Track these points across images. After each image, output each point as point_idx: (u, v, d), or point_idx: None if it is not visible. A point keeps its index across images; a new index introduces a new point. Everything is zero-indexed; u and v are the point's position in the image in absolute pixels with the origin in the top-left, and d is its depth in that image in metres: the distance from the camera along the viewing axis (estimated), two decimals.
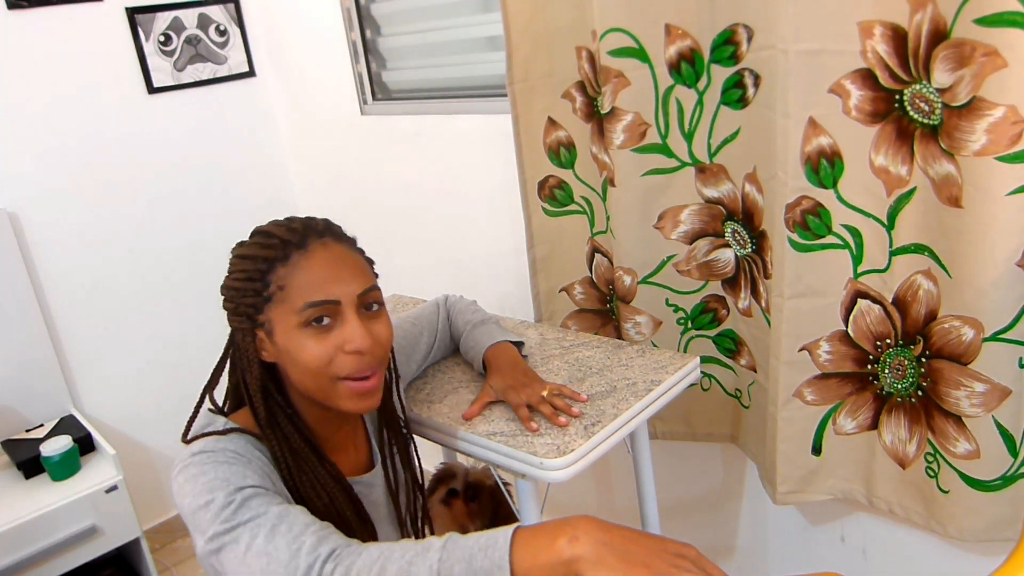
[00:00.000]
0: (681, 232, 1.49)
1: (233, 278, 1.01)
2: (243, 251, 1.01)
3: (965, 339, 1.13)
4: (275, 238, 0.99)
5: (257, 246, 1.00)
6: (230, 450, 0.93)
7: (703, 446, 1.75)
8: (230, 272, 1.02)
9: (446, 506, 1.68)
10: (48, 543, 1.80)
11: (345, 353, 0.97)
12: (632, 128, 1.41)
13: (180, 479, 0.92)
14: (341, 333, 0.97)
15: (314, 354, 0.96)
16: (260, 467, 0.94)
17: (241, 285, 0.99)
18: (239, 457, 0.93)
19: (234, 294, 1.00)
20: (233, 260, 1.02)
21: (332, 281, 0.97)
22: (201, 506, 0.87)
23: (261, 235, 1.01)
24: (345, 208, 2.44)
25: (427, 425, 1.27)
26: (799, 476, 1.41)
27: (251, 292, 0.98)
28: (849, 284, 1.26)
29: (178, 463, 0.94)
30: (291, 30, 2.35)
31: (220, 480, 0.89)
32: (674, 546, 0.75)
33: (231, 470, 0.91)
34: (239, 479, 0.89)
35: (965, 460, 1.19)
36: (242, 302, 0.99)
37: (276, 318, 0.97)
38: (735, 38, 1.29)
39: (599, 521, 0.76)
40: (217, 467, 0.91)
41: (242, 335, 1.00)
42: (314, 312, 0.95)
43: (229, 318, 1.02)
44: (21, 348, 2.05)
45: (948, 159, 1.08)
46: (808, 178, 1.21)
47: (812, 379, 1.34)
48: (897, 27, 1.09)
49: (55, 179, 2.11)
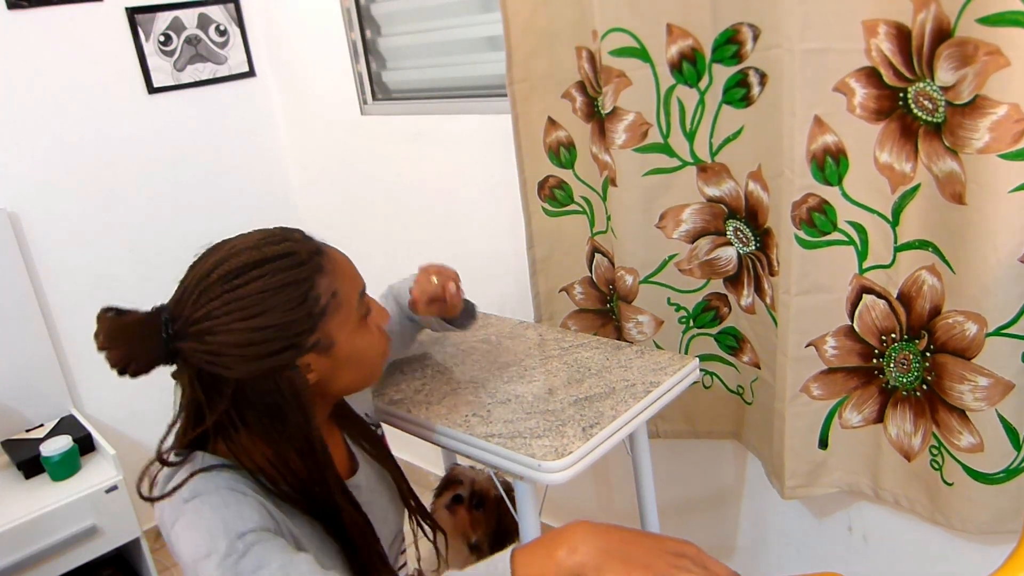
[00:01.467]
0: (683, 231, 1.50)
1: (268, 316, 0.89)
2: (265, 283, 0.89)
3: (969, 334, 1.14)
4: (294, 255, 0.92)
5: (284, 270, 0.90)
6: (222, 488, 0.88)
7: (702, 445, 1.76)
8: (251, 316, 0.88)
9: (450, 512, 1.68)
10: (48, 543, 1.79)
11: (383, 330, 1.04)
12: (634, 128, 1.42)
13: (177, 529, 0.86)
14: (373, 315, 1.03)
15: (378, 340, 1.02)
16: (255, 501, 0.89)
17: (288, 316, 0.89)
18: (232, 493, 0.88)
19: (273, 331, 0.89)
20: (250, 300, 0.88)
21: (354, 267, 1.01)
22: (202, 556, 0.82)
23: (276, 260, 0.91)
24: (345, 208, 2.45)
25: (426, 427, 1.27)
26: (806, 470, 1.42)
27: (304, 317, 0.90)
28: (855, 280, 1.28)
29: (169, 512, 0.88)
30: (291, 30, 2.35)
31: (219, 526, 0.84)
32: (673, 544, 0.74)
33: (228, 512, 0.86)
34: (239, 522, 0.85)
35: (969, 453, 1.20)
36: (288, 334, 0.89)
37: (335, 326, 0.93)
38: (738, 37, 1.30)
39: (593, 525, 0.75)
40: (214, 511, 0.86)
41: (273, 380, 0.90)
42: (364, 301, 1.00)
43: (253, 365, 0.89)
44: (21, 348, 2.04)
45: (952, 156, 1.09)
46: (814, 176, 1.22)
47: (819, 374, 1.35)
48: (901, 26, 1.11)
49: (55, 179, 2.10)
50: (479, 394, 1.32)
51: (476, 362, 1.44)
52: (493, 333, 1.56)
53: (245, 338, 0.88)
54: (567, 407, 1.24)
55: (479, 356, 1.46)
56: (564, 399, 1.26)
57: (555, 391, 1.29)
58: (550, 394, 1.29)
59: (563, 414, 1.22)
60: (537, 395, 1.29)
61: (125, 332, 0.88)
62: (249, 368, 0.89)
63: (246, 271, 0.89)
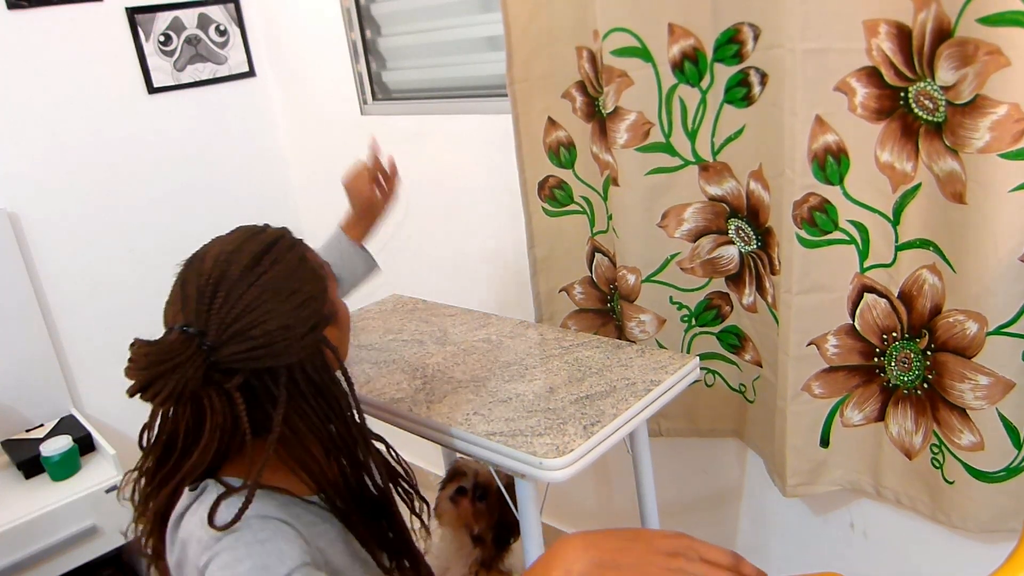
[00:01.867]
0: (685, 230, 1.50)
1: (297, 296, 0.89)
2: (278, 270, 0.89)
3: (969, 333, 1.14)
4: (284, 236, 0.94)
5: (288, 250, 0.92)
6: (251, 518, 0.85)
7: (703, 444, 1.76)
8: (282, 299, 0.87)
9: (454, 504, 1.68)
10: (48, 543, 1.79)
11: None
12: (635, 127, 1.42)
13: (213, 569, 0.82)
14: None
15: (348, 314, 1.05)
16: (288, 530, 0.86)
17: (316, 288, 0.92)
18: (264, 522, 0.85)
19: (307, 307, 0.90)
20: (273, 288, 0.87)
21: None
22: None
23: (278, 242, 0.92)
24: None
25: (427, 425, 1.27)
26: (808, 468, 1.42)
27: (323, 289, 0.93)
28: (856, 279, 1.28)
29: (199, 550, 0.84)
30: (291, 30, 2.35)
31: (260, 570, 0.80)
32: (665, 543, 0.72)
33: (265, 551, 0.82)
34: (277, 563, 0.81)
35: (970, 452, 1.21)
36: (320, 304, 0.92)
37: (333, 294, 0.97)
38: (739, 37, 1.31)
39: (585, 538, 0.73)
40: (250, 550, 0.82)
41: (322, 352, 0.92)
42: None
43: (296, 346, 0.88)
44: (21, 348, 2.05)
45: (952, 156, 1.09)
46: (815, 175, 1.22)
47: (820, 372, 1.35)
48: (902, 25, 1.11)
49: (55, 179, 2.10)
50: (480, 393, 1.32)
51: (477, 361, 1.44)
52: (494, 332, 1.56)
53: (290, 317, 0.87)
54: (568, 405, 1.24)
55: (480, 355, 1.46)
56: (565, 397, 1.27)
57: (556, 390, 1.30)
58: (551, 393, 1.29)
59: (564, 412, 1.22)
60: (538, 394, 1.29)
61: (162, 357, 0.83)
62: (301, 346, 0.88)
63: (260, 259, 0.88)
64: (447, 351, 1.50)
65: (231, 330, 0.84)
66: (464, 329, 1.59)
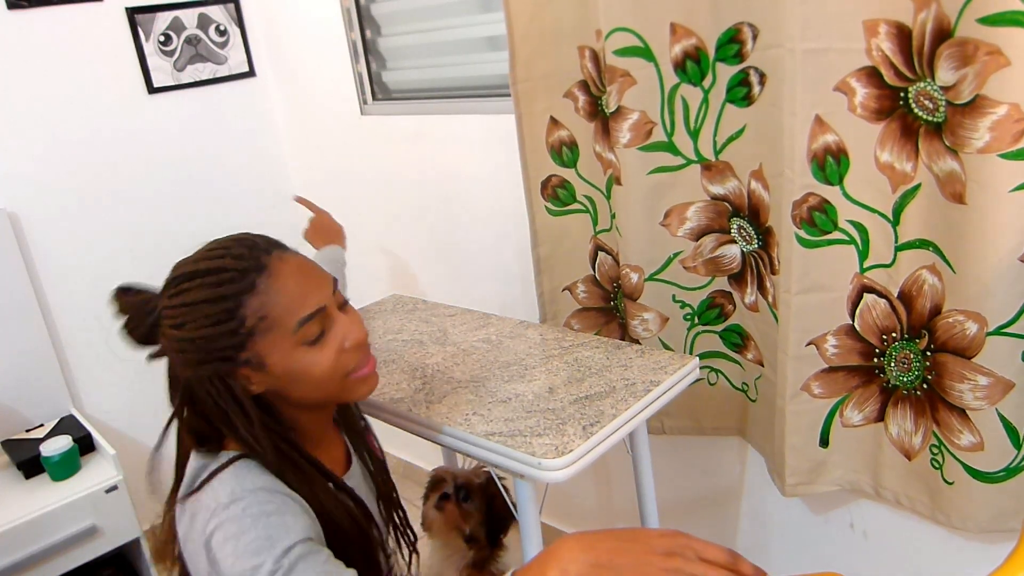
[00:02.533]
0: (687, 229, 1.50)
1: (192, 327, 0.92)
2: (192, 296, 0.92)
3: (969, 333, 1.14)
4: (227, 271, 0.92)
5: (210, 285, 0.92)
6: (259, 490, 0.89)
7: (703, 444, 1.76)
8: (180, 324, 0.92)
9: (440, 511, 1.68)
10: (48, 543, 1.79)
11: (346, 351, 0.98)
12: (638, 127, 1.42)
13: (218, 539, 0.85)
14: (336, 334, 0.97)
15: (325, 365, 0.96)
16: (292, 503, 0.90)
17: (209, 331, 0.91)
18: (269, 495, 0.89)
19: (200, 342, 0.92)
20: (180, 310, 0.92)
21: (310, 291, 0.96)
22: (247, 571, 0.82)
23: (206, 274, 0.93)
24: (345, 208, 2.44)
25: (426, 425, 1.27)
26: (807, 468, 1.42)
27: (226, 334, 0.91)
28: (855, 279, 1.28)
29: (207, 517, 0.88)
30: (291, 30, 2.35)
31: (264, 540, 0.84)
32: (661, 542, 0.71)
33: (270, 523, 0.86)
34: (282, 534, 0.85)
35: (969, 452, 1.21)
36: (214, 347, 0.92)
37: (265, 348, 0.93)
38: (740, 36, 1.31)
39: (582, 539, 0.73)
40: (255, 521, 0.86)
41: (218, 381, 0.93)
42: (310, 327, 0.94)
43: (189, 370, 0.94)
44: (21, 348, 2.04)
45: (952, 156, 1.09)
46: (815, 175, 1.22)
47: (819, 373, 1.35)
48: (902, 25, 1.11)
49: (55, 179, 2.10)
50: (479, 393, 1.32)
51: (477, 361, 1.44)
52: (494, 333, 1.56)
53: (177, 345, 0.94)
54: (567, 406, 1.24)
55: (480, 355, 1.46)
56: (565, 398, 1.27)
57: (556, 390, 1.30)
58: (551, 393, 1.29)
59: (563, 413, 1.22)
60: (538, 394, 1.29)
61: (132, 307, 0.98)
62: (188, 371, 0.94)
63: (180, 282, 0.94)
64: (447, 351, 1.50)
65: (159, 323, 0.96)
66: (464, 329, 1.59)
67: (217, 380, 0.93)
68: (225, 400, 0.94)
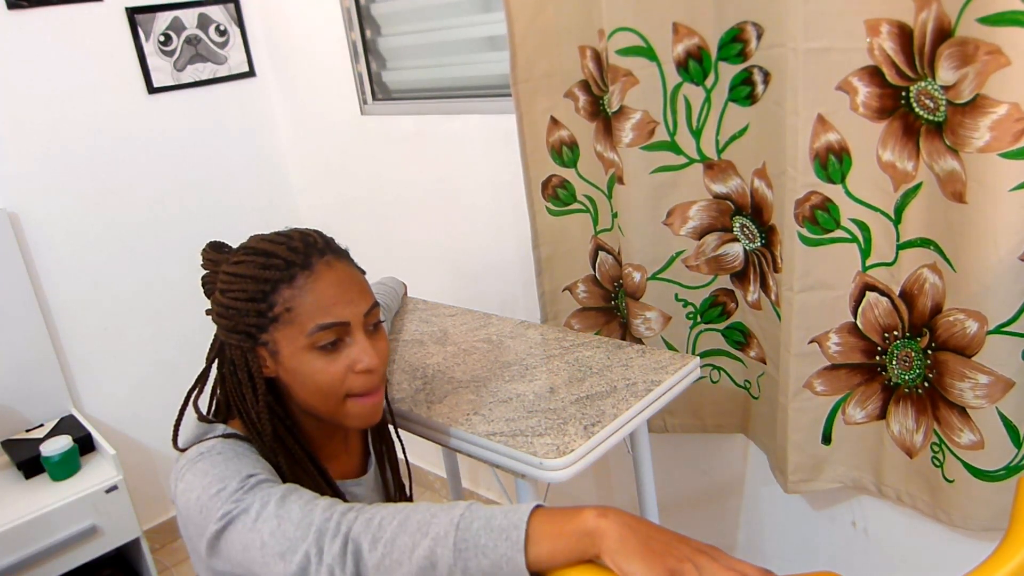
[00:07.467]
0: (690, 228, 1.50)
1: (231, 296, 0.97)
2: (241, 269, 0.97)
3: (969, 332, 1.15)
4: (277, 258, 0.96)
5: (258, 266, 0.96)
6: (228, 449, 0.94)
7: (703, 443, 1.76)
8: (225, 290, 0.98)
9: None
10: (48, 543, 1.79)
11: (355, 373, 0.99)
12: (641, 126, 1.42)
13: (188, 477, 0.90)
14: (350, 353, 0.98)
15: (325, 376, 0.97)
16: (266, 466, 0.95)
17: (242, 305, 0.96)
18: (247, 454, 0.94)
19: (233, 312, 0.97)
20: (228, 277, 0.98)
21: (341, 303, 0.97)
22: (213, 494, 0.86)
23: (260, 254, 0.98)
24: (345, 208, 2.45)
25: (427, 425, 1.27)
26: (810, 465, 1.43)
27: (254, 313, 0.96)
28: (858, 277, 1.28)
29: (182, 465, 0.93)
30: (291, 30, 2.36)
31: (232, 471, 0.89)
32: (697, 543, 0.73)
33: (240, 463, 0.91)
34: (250, 469, 0.90)
35: (969, 451, 1.21)
36: (242, 321, 0.96)
37: (282, 339, 0.96)
38: (743, 36, 1.31)
39: (624, 512, 0.75)
40: (227, 461, 0.91)
41: (240, 352, 0.99)
42: (325, 335, 0.96)
43: (223, 333, 1.00)
44: (21, 348, 2.04)
45: (952, 155, 1.10)
46: (817, 174, 1.23)
47: (822, 370, 1.36)
48: (903, 25, 1.11)
49: (55, 179, 2.10)
50: (480, 393, 1.32)
51: (477, 361, 1.44)
52: (494, 333, 1.56)
53: (218, 308, 1.00)
54: (568, 405, 1.24)
55: (480, 355, 1.46)
56: (566, 397, 1.27)
57: (557, 390, 1.30)
58: (552, 393, 1.29)
59: (564, 412, 1.22)
60: (539, 394, 1.29)
61: (211, 263, 1.05)
62: (222, 335, 1.01)
63: (241, 254, 1.00)
64: (447, 351, 1.50)
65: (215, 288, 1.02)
66: (464, 329, 1.59)
67: (239, 351, 0.99)
68: (241, 371, 0.99)
